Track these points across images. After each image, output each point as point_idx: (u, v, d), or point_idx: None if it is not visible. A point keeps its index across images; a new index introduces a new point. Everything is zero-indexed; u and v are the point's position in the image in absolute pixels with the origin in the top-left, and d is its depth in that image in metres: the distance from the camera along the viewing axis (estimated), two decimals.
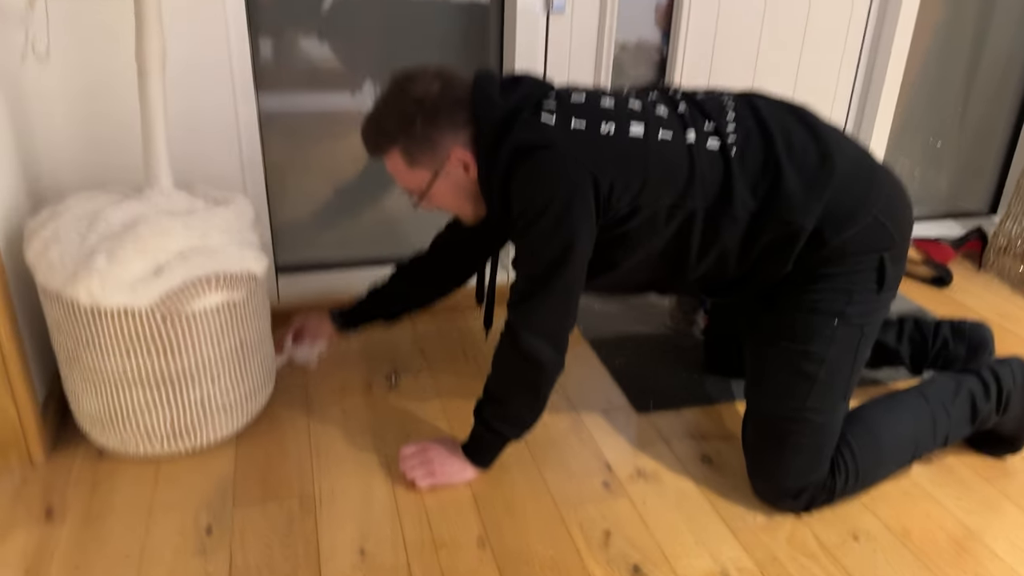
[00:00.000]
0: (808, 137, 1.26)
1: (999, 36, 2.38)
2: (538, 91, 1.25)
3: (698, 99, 1.29)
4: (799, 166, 1.23)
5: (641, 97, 1.28)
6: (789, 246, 1.25)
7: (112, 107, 1.54)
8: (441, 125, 1.23)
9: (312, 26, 1.78)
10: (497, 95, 1.23)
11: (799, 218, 1.22)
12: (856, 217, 1.24)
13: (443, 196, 1.32)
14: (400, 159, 1.27)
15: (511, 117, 1.21)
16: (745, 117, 1.26)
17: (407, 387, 1.66)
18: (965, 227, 2.54)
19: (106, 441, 1.39)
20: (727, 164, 1.22)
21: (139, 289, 1.24)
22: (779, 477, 1.31)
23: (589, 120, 1.19)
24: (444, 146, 1.24)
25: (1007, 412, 1.40)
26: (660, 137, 1.21)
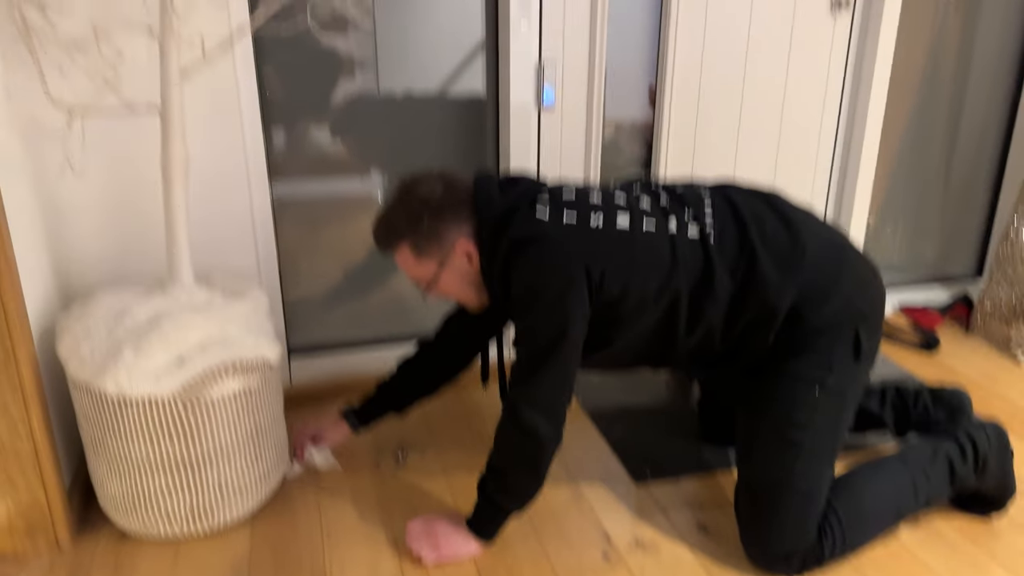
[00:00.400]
0: (780, 224, 1.38)
1: (973, 108, 2.51)
2: (533, 189, 1.39)
3: (678, 192, 1.42)
4: (773, 252, 1.35)
5: (626, 191, 1.41)
6: (768, 323, 1.36)
7: (138, 210, 1.67)
8: (446, 220, 1.36)
9: (321, 116, 1.92)
10: (496, 193, 1.37)
11: (775, 299, 1.34)
12: (829, 296, 1.35)
13: (449, 285, 1.43)
14: (409, 252, 1.39)
15: (509, 213, 1.34)
16: (721, 208, 1.39)
17: (414, 464, 1.73)
18: (951, 292, 2.62)
19: (129, 524, 1.46)
20: (706, 250, 1.34)
21: (162, 379, 1.34)
22: (770, 542, 1.37)
23: (579, 213, 1.33)
24: (449, 239, 1.37)
25: (985, 473, 1.46)
26: (645, 228, 1.34)
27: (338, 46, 1.87)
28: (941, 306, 2.46)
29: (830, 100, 2.21)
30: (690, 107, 2.08)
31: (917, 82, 2.42)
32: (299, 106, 1.88)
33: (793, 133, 2.21)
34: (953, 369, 2.18)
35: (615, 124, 2.13)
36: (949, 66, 2.44)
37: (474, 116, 2.01)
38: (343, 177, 2.00)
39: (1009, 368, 2.19)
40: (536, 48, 1.89)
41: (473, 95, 1.99)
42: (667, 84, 2.04)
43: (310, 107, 1.90)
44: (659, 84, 2.06)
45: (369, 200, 2.03)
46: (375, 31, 1.88)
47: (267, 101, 1.84)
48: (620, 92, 2.09)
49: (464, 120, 2.01)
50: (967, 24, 2.40)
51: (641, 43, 2.06)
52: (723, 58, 2.06)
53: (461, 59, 1.96)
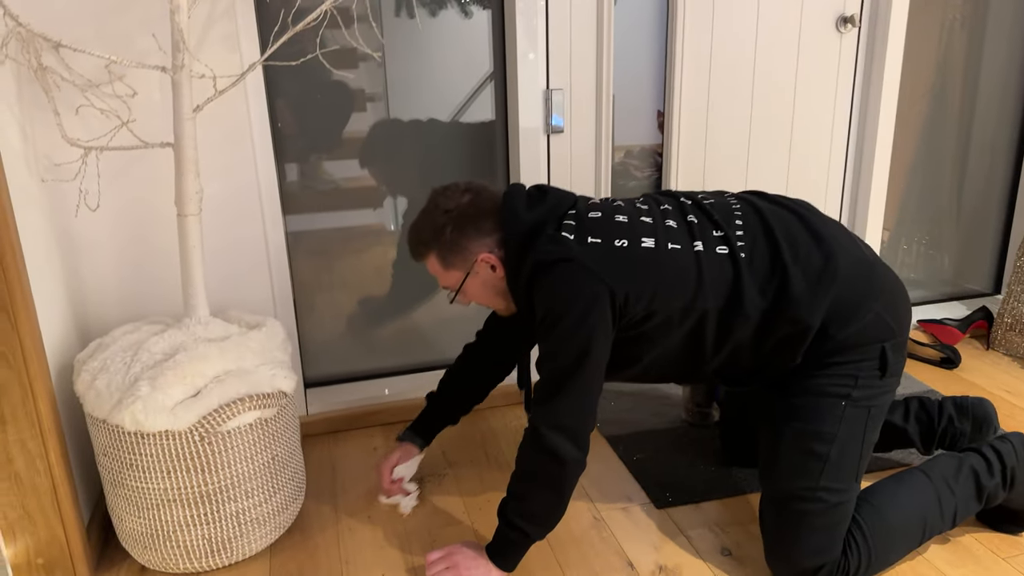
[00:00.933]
0: (811, 241, 1.37)
1: (984, 121, 2.50)
2: (560, 206, 1.40)
3: (706, 205, 1.42)
4: (804, 269, 1.34)
5: (652, 210, 1.41)
6: (798, 342, 1.35)
7: (153, 246, 1.69)
8: (468, 233, 1.40)
9: (333, 149, 1.94)
10: (523, 209, 1.40)
11: (806, 317, 1.32)
12: (859, 313, 1.34)
13: (475, 293, 1.47)
14: (436, 262, 1.45)
15: (535, 231, 1.36)
16: (752, 223, 1.39)
17: (431, 491, 1.72)
18: (970, 308, 2.59)
19: (148, 559, 1.46)
20: (736, 267, 1.34)
21: (179, 413, 1.34)
22: (796, 557, 1.34)
23: (604, 236, 1.33)
24: (472, 251, 1.41)
25: (1013, 487, 1.43)
26: (670, 246, 1.34)
27: (348, 79, 1.89)
28: (960, 321, 2.43)
29: (839, 117, 2.21)
30: (699, 129, 2.09)
31: (926, 97, 2.42)
32: (311, 139, 1.90)
33: (803, 151, 2.21)
34: (975, 384, 2.15)
35: (625, 149, 2.14)
36: (957, 80, 2.43)
37: (484, 142, 2.03)
38: (355, 209, 2.01)
39: None
40: (544, 75, 1.91)
41: (483, 122, 2.01)
42: (675, 107, 2.04)
43: (322, 140, 1.92)
44: (667, 107, 2.07)
45: (382, 231, 2.04)
46: (385, 64, 1.91)
47: (280, 135, 1.86)
48: (629, 118, 2.10)
49: (474, 146, 2.02)
50: (973, 38, 2.40)
51: (648, 69, 2.07)
52: (730, 80, 2.07)
53: (470, 89, 1.98)
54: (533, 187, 1.46)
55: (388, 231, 2.05)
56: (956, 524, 1.43)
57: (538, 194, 1.44)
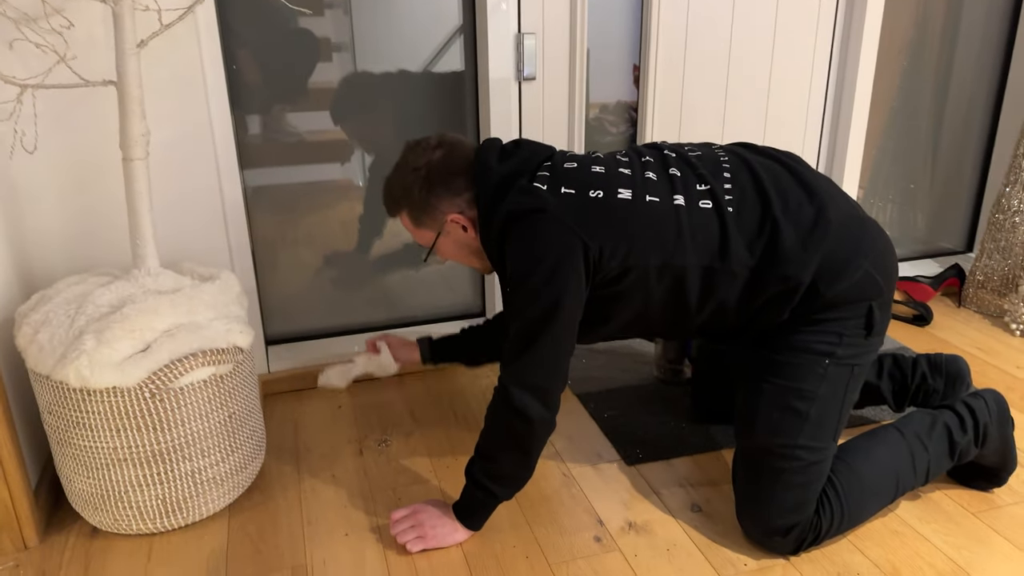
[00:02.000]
0: (803, 194, 1.31)
1: (961, 80, 2.46)
2: (535, 158, 1.34)
3: (692, 160, 1.35)
4: (795, 223, 1.28)
5: (632, 161, 1.35)
6: (787, 299, 1.30)
7: (99, 193, 1.60)
8: (438, 192, 1.36)
9: (296, 100, 1.84)
10: (495, 162, 1.33)
11: (797, 273, 1.27)
12: (849, 270, 1.29)
13: (448, 251, 1.44)
14: (408, 220, 1.42)
15: (507, 183, 1.30)
16: (740, 176, 1.32)
17: (398, 450, 1.67)
18: (943, 265, 2.59)
19: (99, 520, 1.40)
20: (722, 222, 1.27)
21: (127, 368, 1.27)
22: (769, 515, 1.32)
23: (579, 187, 1.27)
24: (442, 210, 1.37)
25: (986, 444, 1.42)
26: (648, 199, 1.28)
27: (313, 29, 1.80)
28: (933, 278, 2.42)
29: (818, 71, 2.16)
30: (675, 83, 2.03)
31: (903, 53, 2.37)
32: (274, 89, 1.81)
33: (780, 107, 2.15)
34: (947, 342, 2.14)
35: (600, 105, 2.08)
36: (935, 36, 2.39)
37: (454, 93, 1.95)
38: (321, 163, 1.93)
39: (1004, 339, 2.15)
40: (515, 20, 1.82)
41: (452, 72, 1.93)
42: (651, 61, 1.98)
43: (285, 90, 1.82)
44: (642, 61, 2.00)
45: (349, 186, 1.96)
46: (351, 12, 1.81)
47: (238, 82, 1.77)
48: (605, 73, 2.03)
49: (442, 94, 1.94)
50: None
51: (624, 22, 2.00)
52: (707, 32, 2.00)
53: (439, 38, 1.89)
54: (510, 142, 1.40)
55: (356, 186, 1.97)
56: (928, 481, 1.42)
57: (513, 147, 1.38)
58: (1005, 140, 2.53)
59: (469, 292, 2.17)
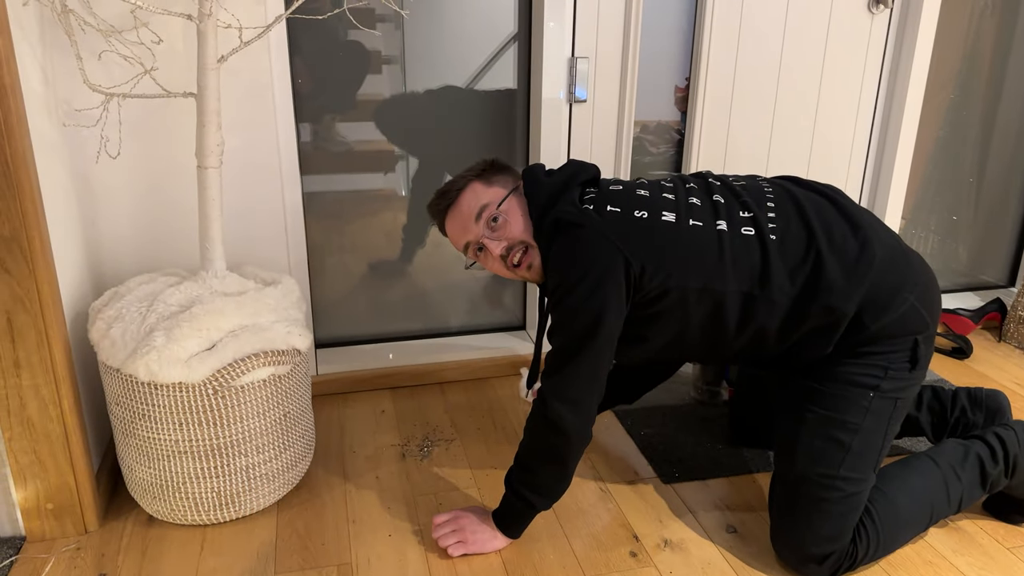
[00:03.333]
0: (847, 227, 1.33)
1: (1008, 113, 2.47)
2: (582, 173, 1.40)
3: (736, 188, 1.38)
4: (840, 256, 1.30)
5: (676, 187, 1.39)
6: (831, 331, 1.31)
7: (171, 198, 1.68)
8: (495, 178, 1.44)
9: (348, 110, 1.91)
10: (543, 176, 1.41)
11: (841, 305, 1.28)
12: (895, 303, 1.30)
13: (514, 215, 1.40)
14: (478, 184, 1.43)
15: (555, 193, 1.36)
16: (785, 206, 1.35)
17: (439, 456, 1.72)
18: (984, 299, 2.58)
19: (156, 509, 1.46)
20: (764, 250, 1.30)
21: (193, 365, 1.34)
22: (806, 543, 1.34)
23: (624, 206, 1.31)
24: (504, 183, 1.43)
25: (1015, 475, 1.43)
26: (691, 223, 1.31)
27: (364, 42, 1.87)
28: (973, 311, 2.41)
29: (865, 101, 2.18)
30: (723, 108, 2.06)
31: (951, 85, 2.38)
32: (327, 99, 1.88)
33: (827, 134, 2.18)
34: (986, 376, 2.14)
35: (640, 124, 2.12)
36: (984, 70, 2.40)
37: (505, 110, 2.00)
38: (367, 172, 1.99)
39: None
40: (569, 43, 1.88)
41: (504, 89, 1.99)
42: (700, 84, 2.01)
43: (337, 101, 1.89)
44: (692, 84, 2.04)
45: (393, 196, 2.02)
46: (403, 26, 1.88)
47: (298, 93, 1.84)
48: (647, 92, 2.07)
49: (495, 111, 2.00)
50: (1004, 27, 2.36)
51: (670, 44, 2.04)
52: (757, 57, 2.04)
53: (490, 55, 1.95)
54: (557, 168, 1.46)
55: (399, 196, 2.03)
56: (961, 510, 1.43)
57: (557, 168, 1.44)
58: None
59: (511, 303, 2.22)
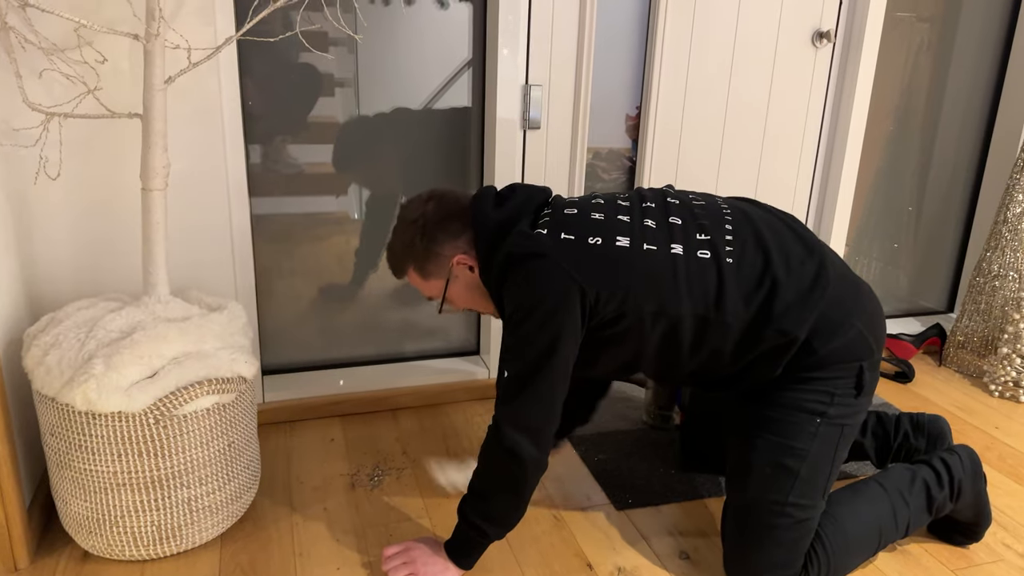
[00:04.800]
0: (804, 252, 1.35)
1: (945, 145, 2.56)
2: (532, 201, 1.38)
3: (695, 210, 1.39)
4: (796, 280, 1.32)
5: (633, 207, 1.38)
6: (781, 354, 1.33)
7: (113, 220, 1.63)
8: (438, 238, 1.39)
9: (298, 132, 1.89)
10: (491, 208, 1.37)
11: (794, 329, 1.30)
12: (843, 328, 1.32)
13: (460, 297, 1.46)
14: (416, 275, 1.44)
15: (504, 228, 1.34)
16: (742, 229, 1.36)
17: (390, 486, 1.69)
18: (925, 324, 2.66)
19: (92, 545, 1.40)
20: (720, 273, 1.31)
21: (134, 393, 1.29)
22: (756, 569, 1.35)
23: (578, 233, 1.31)
24: (446, 255, 1.40)
25: (960, 499, 1.46)
26: (646, 247, 1.31)
27: (317, 64, 1.85)
28: (915, 336, 2.48)
29: (810, 132, 2.24)
30: (672, 136, 2.09)
31: (890, 118, 2.47)
32: (277, 121, 1.86)
33: (773, 163, 2.23)
34: (927, 400, 2.20)
35: (593, 151, 2.14)
36: (921, 103, 2.49)
37: (460, 132, 2.00)
38: (318, 195, 1.97)
39: (983, 399, 2.21)
40: (523, 70, 1.89)
41: (458, 111, 1.99)
42: (651, 113, 2.05)
43: (288, 122, 1.87)
44: (643, 113, 2.07)
45: (345, 219, 2.00)
46: (357, 49, 1.87)
47: (248, 115, 1.81)
48: (599, 120, 2.09)
49: (448, 131, 1.99)
50: (939, 62, 2.46)
51: (621, 73, 2.07)
52: (706, 88, 2.08)
53: (444, 80, 1.95)
54: (504, 188, 1.44)
55: (351, 219, 2.01)
56: (908, 534, 1.46)
57: (508, 192, 1.41)
58: (987, 205, 2.62)
59: (463, 330, 2.20)
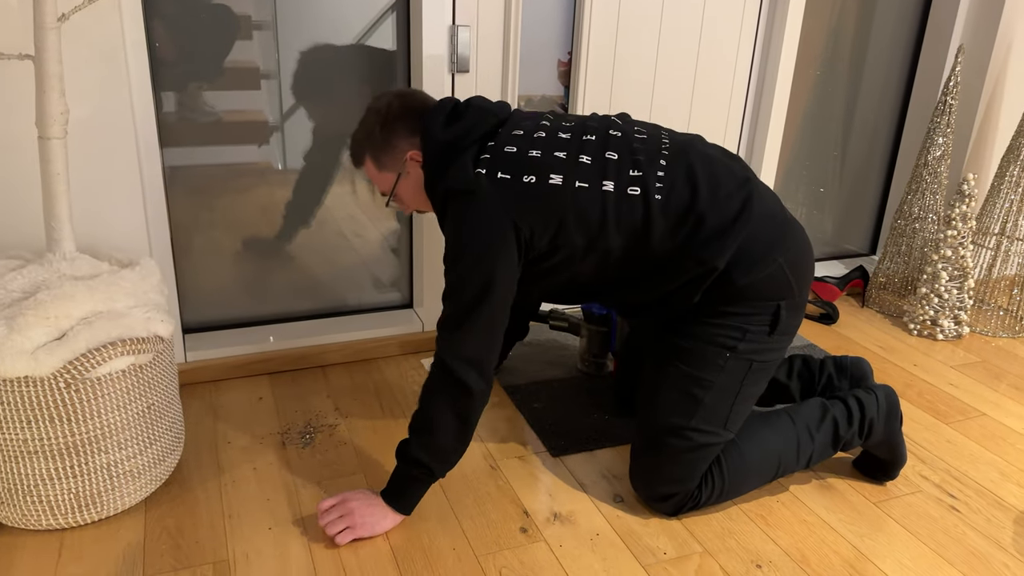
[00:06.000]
0: (734, 186, 1.38)
1: (869, 91, 2.60)
2: (479, 127, 1.38)
3: (634, 145, 1.40)
4: (720, 213, 1.35)
5: (573, 140, 1.39)
6: (700, 281, 1.37)
7: (9, 172, 1.51)
8: (397, 130, 1.43)
9: (214, 78, 1.79)
10: (440, 127, 1.39)
11: (712, 259, 1.34)
12: (764, 261, 1.37)
13: (408, 195, 1.49)
14: (372, 165, 1.48)
15: (449, 151, 1.36)
16: (676, 164, 1.38)
17: (322, 443, 1.65)
18: (849, 267, 2.73)
19: (5, 515, 1.33)
20: (647, 209, 1.34)
21: (41, 357, 1.21)
22: (653, 483, 1.45)
23: (514, 172, 1.33)
24: (401, 148, 1.44)
25: (871, 438, 1.53)
26: (577, 184, 1.34)
27: (233, 4, 1.74)
28: (839, 278, 2.55)
29: (739, 76, 2.23)
30: (604, 82, 2.06)
31: (818, 63, 2.48)
32: (191, 66, 1.75)
33: (704, 108, 2.22)
34: (851, 340, 2.27)
35: (525, 98, 2.09)
36: (847, 48, 2.51)
37: (386, 74, 1.92)
38: (239, 144, 1.87)
39: (903, 338, 2.29)
40: (450, 8, 1.82)
41: (383, 52, 1.91)
42: (581, 59, 2.00)
43: (203, 67, 1.76)
44: (574, 59, 2.03)
45: (268, 169, 1.91)
46: None
47: (157, 59, 1.70)
48: (531, 66, 2.05)
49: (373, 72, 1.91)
50: (865, 6, 2.47)
51: (552, 17, 2.02)
52: (636, 35, 2.04)
53: (369, 21, 1.86)
54: (463, 101, 1.45)
55: (275, 169, 1.92)
56: (810, 466, 1.54)
57: (463, 108, 1.43)
58: (908, 150, 2.68)
59: (397, 281, 2.15)
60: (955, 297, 2.27)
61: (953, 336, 2.29)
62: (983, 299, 2.47)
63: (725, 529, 1.44)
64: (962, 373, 2.09)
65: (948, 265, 2.26)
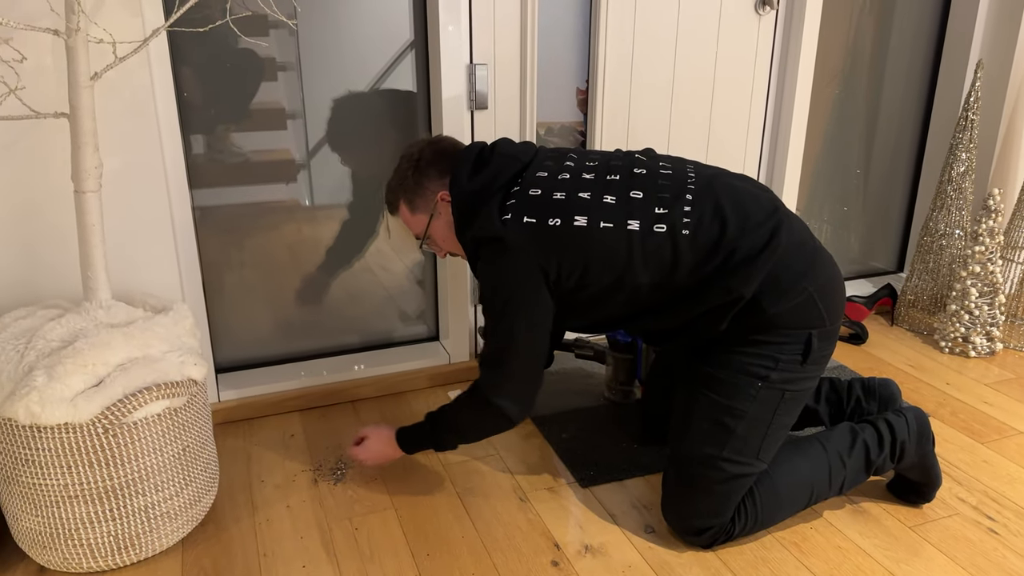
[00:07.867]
0: (763, 216, 1.38)
1: (890, 107, 2.59)
2: (505, 173, 1.43)
3: (659, 182, 1.41)
4: (749, 241, 1.35)
5: (597, 180, 1.41)
6: (726, 309, 1.37)
7: (48, 225, 1.56)
8: (429, 174, 1.51)
9: (241, 120, 1.84)
10: (466, 177, 1.45)
11: (739, 287, 1.34)
12: (793, 291, 1.36)
13: (441, 237, 1.56)
14: (405, 209, 1.56)
15: (475, 202, 1.42)
16: (703, 199, 1.39)
17: (354, 479, 1.67)
18: (876, 285, 2.70)
19: (47, 559, 1.36)
20: (675, 246, 1.36)
21: (80, 404, 1.25)
22: (687, 516, 1.43)
23: (539, 215, 1.38)
24: (432, 190, 1.51)
25: (903, 460, 1.51)
26: (602, 226, 1.36)
27: (258, 48, 1.80)
28: (867, 298, 2.52)
29: (757, 98, 2.24)
30: (621, 108, 2.08)
31: (836, 82, 2.49)
32: (218, 109, 1.80)
33: (722, 130, 2.23)
34: (881, 360, 2.24)
35: (545, 126, 2.12)
36: (865, 65, 2.51)
37: (407, 113, 1.96)
38: (266, 184, 1.92)
39: (934, 356, 2.26)
40: (467, 48, 1.86)
41: (404, 95, 1.95)
42: (598, 86, 2.03)
43: (230, 110, 1.81)
44: (591, 86, 2.05)
45: (296, 207, 1.95)
46: (297, 32, 1.82)
47: (185, 105, 1.75)
48: (549, 95, 2.08)
49: (395, 113, 1.95)
50: (882, 23, 2.48)
51: (569, 47, 2.05)
52: (652, 59, 2.07)
53: (388, 61, 1.91)
54: (488, 147, 1.50)
55: (302, 207, 1.97)
56: (843, 493, 1.52)
57: (489, 155, 1.47)
58: (931, 166, 2.66)
59: (424, 315, 2.18)
60: (986, 313, 2.24)
61: (986, 353, 2.26)
62: (1015, 314, 2.43)
63: (759, 558, 1.43)
64: (997, 391, 2.05)
65: (977, 281, 2.23)
